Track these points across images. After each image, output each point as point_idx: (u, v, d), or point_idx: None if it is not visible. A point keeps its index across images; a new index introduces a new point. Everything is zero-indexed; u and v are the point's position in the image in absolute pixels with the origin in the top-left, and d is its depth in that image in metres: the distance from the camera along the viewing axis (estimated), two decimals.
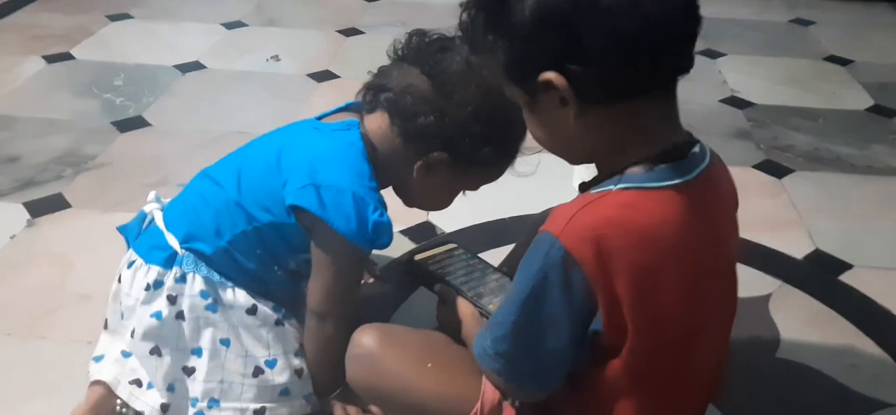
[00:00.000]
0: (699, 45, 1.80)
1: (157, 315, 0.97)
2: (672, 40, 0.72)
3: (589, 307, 0.73)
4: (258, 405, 0.97)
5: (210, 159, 1.12)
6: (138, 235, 1.06)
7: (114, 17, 2.49)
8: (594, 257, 0.71)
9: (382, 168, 0.99)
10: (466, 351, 0.90)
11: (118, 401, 0.98)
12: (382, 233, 0.94)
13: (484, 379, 0.86)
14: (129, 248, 1.05)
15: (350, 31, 2.48)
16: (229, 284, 0.98)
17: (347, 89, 1.13)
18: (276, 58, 2.20)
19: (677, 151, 0.74)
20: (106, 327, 1.05)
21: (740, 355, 1.02)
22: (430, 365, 0.92)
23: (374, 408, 1.01)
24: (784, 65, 2.38)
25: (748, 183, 1.71)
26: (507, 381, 0.81)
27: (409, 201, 1.08)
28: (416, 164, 0.98)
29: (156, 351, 0.97)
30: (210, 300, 0.97)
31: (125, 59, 2.20)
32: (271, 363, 0.98)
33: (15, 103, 1.93)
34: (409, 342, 0.95)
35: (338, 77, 2.14)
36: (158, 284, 0.97)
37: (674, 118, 0.76)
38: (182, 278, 0.97)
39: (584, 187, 0.78)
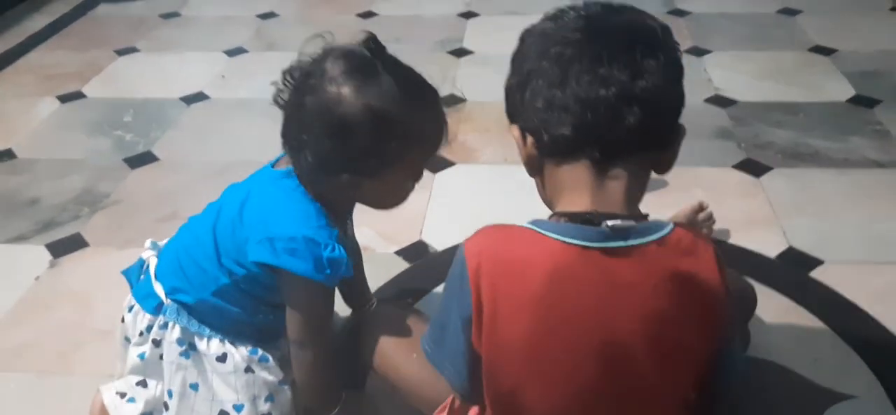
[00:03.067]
0: (686, 43, 1.92)
1: (141, 356, 1.09)
2: (583, 138, 0.85)
3: (469, 315, 0.86)
4: None
5: (217, 189, 1.20)
6: (138, 278, 1.17)
7: (121, 52, 2.61)
8: (474, 269, 0.84)
9: (329, 199, 1.06)
10: None
11: None
12: (337, 266, 1.02)
13: None
14: (130, 291, 1.16)
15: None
16: (205, 332, 1.07)
17: None
18: (276, 84, 2.29)
19: (587, 218, 0.83)
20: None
21: None
22: (415, 355, 1.06)
23: None
24: (769, 58, 2.44)
25: (727, 184, 1.79)
26: (431, 361, 0.95)
27: (376, 208, 1.14)
28: (338, 187, 1.04)
29: (142, 383, 1.10)
30: (184, 348, 1.07)
31: (133, 95, 2.31)
32: (238, 407, 1.08)
33: (33, 146, 2.05)
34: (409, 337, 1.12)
35: None
36: (148, 328, 1.09)
37: (606, 193, 0.85)
38: (165, 326, 1.08)
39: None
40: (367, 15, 2.90)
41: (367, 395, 1.24)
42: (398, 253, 1.58)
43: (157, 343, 1.08)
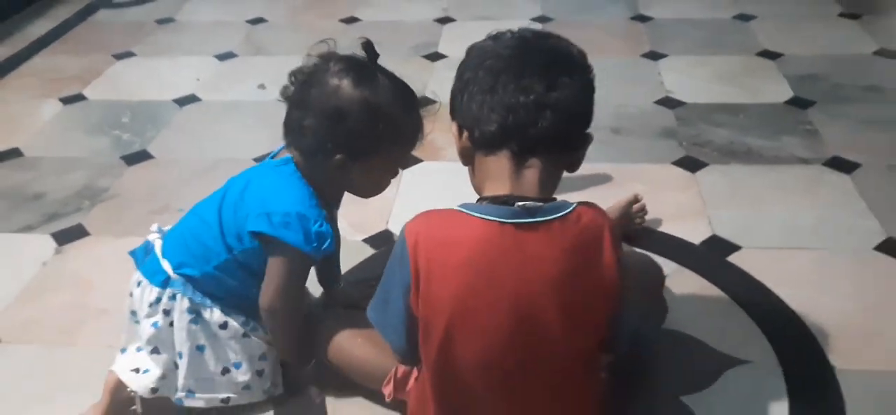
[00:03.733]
0: (643, 48, 2.16)
1: (155, 325, 1.27)
2: (504, 134, 1.05)
3: (408, 284, 1.05)
4: (224, 395, 1.30)
5: (206, 185, 1.41)
6: (144, 258, 1.36)
7: (119, 56, 2.80)
8: (412, 245, 1.04)
9: (321, 185, 1.28)
10: None
11: (129, 389, 1.28)
12: (323, 239, 1.24)
13: None
14: (137, 269, 1.35)
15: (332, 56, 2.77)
16: (208, 303, 1.28)
17: None
18: (262, 86, 2.49)
19: (505, 200, 1.03)
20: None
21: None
22: (360, 340, 1.29)
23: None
24: (720, 62, 2.63)
25: (665, 179, 1.98)
26: (375, 325, 1.15)
27: (358, 195, 1.36)
28: (330, 170, 1.25)
29: (155, 351, 1.28)
30: (193, 316, 1.27)
31: (130, 97, 2.50)
32: (238, 365, 1.30)
33: (38, 144, 2.24)
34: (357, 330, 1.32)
35: None
36: (158, 300, 1.28)
37: (522, 181, 1.05)
38: (173, 297, 1.27)
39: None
40: (350, 20, 3.09)
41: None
42: (365, 240, 1.78)
43: (167, 313, 1.28)
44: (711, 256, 1.69)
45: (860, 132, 2.15)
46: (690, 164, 2.04)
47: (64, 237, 1.82)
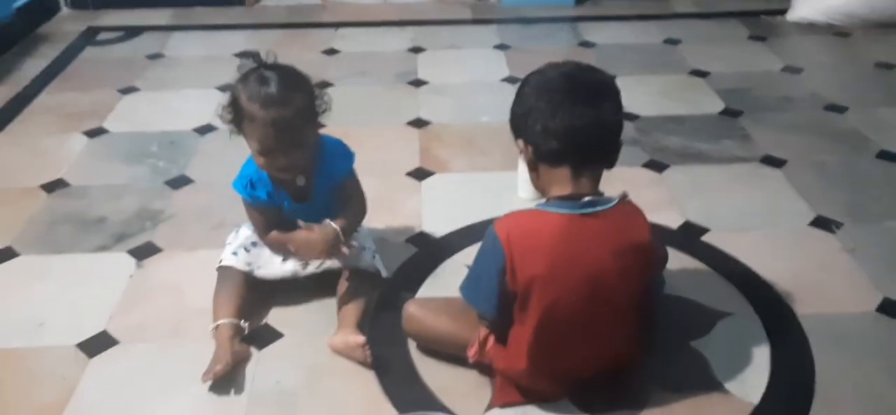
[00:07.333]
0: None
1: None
2: (566, 151, 1.43)
3: (502, 267, 1.42)
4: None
5: None
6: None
7: (124, 91, 3.01)
8: (505, 238, 1.41)
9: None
10: (469, 309, 1.57)
11: (242, 322, 1.70)
12: (253, 186, 1.76)
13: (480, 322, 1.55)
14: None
15: (322, 84, 3.04)
16: (244, 225, 1.89)
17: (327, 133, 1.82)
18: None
19: (570, 198, 1.43)
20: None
21: None
22: (443, 317, 1.65)
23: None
24: (661, 81, 3.11)
25: (638, 179, 2.41)
26: (469, 300, 1.52)
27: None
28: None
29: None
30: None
31: (150, 128, 2.73)
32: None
33: (79, 174, 2.44)
34: (432, 304, 1.70)
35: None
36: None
37: (580, 183, 1.44)
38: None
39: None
40: (331, 52, 3.40)
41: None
42: (407, 241, 2.11)
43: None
44: (688, 238, 2.12)
45: (782, 135, 2.65)
46: (656, 166, 2.48)
47: (140, 253, 2.06)
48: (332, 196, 1.81)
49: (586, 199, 1.43)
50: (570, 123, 1.42)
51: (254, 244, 1.86)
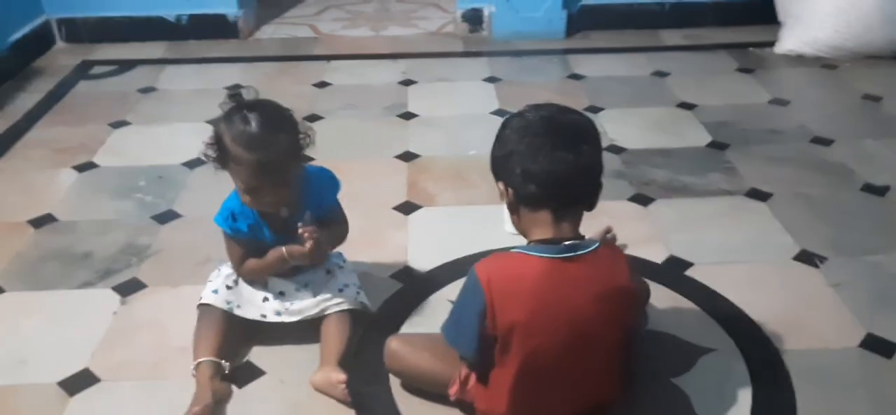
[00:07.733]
0: (583, 102, 2.72)
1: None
2: (547, 195, 1.43)
3: (483, 310, 1.42)
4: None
5: None
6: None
7: (115, 125, 3.03)
8: (485, 281, 1.41)
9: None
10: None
11: (223, 361, 1.69)
12: (235, 219, 1.76)
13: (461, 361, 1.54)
14: None
15: (312, 117, 3.08)
16: (226, 263, 1.89)
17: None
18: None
19: (552, 242, 1.43)
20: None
21: None
22: (426, 354, 1.64)
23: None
24: (648, 113, 3.12)
25: (624, 212, 2.42)
26: (449, 341, 1.52)
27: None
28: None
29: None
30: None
31: (140, 163, 2.74)
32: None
33: (67, 210, 2.45)
34: (415, 341, 1.69)
35: (312, 160, 2.75)
36: None
37: (561, 227, 1.44)
38: None
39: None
40: (322, 84, 3.43)
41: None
42: (391, 276, 2.12)
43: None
44: (672, 272, 2.13)
45: (768, 168, 2.67)
46: (642, 199, 2.49)
47: (125, 290, 2.06)
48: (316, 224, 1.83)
49: (567, 243, 1.44)
50: (550, 167, 1.42)
51: (236, 282, 1.86)
